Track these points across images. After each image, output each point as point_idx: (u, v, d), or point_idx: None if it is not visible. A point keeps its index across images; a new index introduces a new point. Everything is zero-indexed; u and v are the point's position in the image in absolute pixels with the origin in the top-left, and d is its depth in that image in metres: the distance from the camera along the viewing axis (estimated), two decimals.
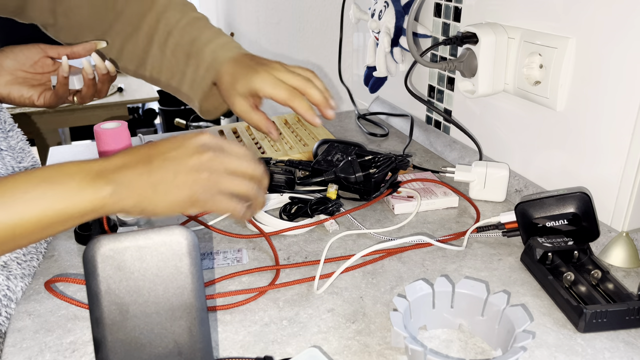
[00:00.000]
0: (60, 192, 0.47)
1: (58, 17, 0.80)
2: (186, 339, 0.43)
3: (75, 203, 0.47)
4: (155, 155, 0.50)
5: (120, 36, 0.80)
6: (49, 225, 0.47)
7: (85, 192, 0.47)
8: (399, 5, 1.00)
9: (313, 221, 0.74)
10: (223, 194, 0.51)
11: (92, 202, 0.47)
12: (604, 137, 0.68)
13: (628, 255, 0.66)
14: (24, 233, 0.46)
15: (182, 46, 0.77)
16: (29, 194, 0.46)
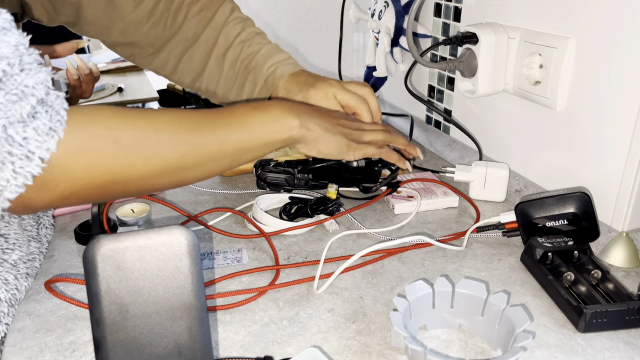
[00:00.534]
0: (269, 118, 0.60)
1: (112, 33, 0.80)
2: (186, 339, 0.43)
3: (278, 128, 0.61)
4: (320, 110, 0.66)
5: (177, 50, 0.81)
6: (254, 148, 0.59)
7: (284, 119, 0.61)
8: (399, 5, 1.00)
9: (313, 221, 0.74)
10: (367, 142, 0.71)
11: (287, 127, 0.61)
12: (604, 137, 0.68)
13: (628, 255, 0.66)
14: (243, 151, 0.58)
15: (241, 60, 0.78)
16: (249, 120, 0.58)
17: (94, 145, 0.46)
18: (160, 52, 0.81)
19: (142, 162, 0.49)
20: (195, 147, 0.53)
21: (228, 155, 0.56)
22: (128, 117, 0.49)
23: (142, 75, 2.55)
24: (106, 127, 0.47)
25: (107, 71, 2.63)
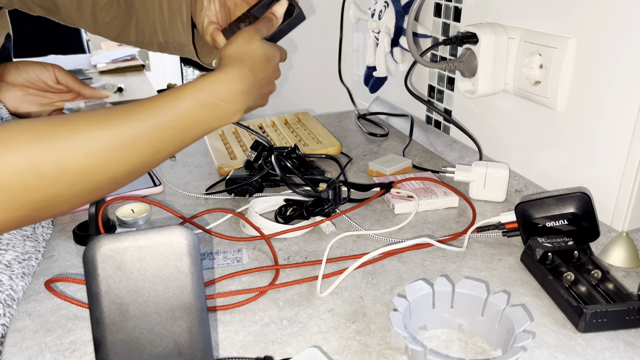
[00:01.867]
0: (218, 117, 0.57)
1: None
2: (186, 339, 0.43)
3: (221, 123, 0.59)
4: (259, 85, 0.61)
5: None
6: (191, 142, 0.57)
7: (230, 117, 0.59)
8: (399, 5, 1.00)
9: (309, 223, 0.74)
10: None
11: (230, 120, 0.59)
12: (604, 137, 0.68)
13: (628, 255, 0.66)
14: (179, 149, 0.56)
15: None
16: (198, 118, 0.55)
17: (12, 180, 0.43)
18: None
19: (67, 188, 0.47)
20: (128, 161, 0.51)
21: (163, 158, 0.55)
22: (52, 141, 0.46)
23: (142, 75, 2.54)
24: (26, 158, 0.44)
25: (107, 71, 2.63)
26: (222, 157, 0.96)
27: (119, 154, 0.50)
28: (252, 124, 1.09)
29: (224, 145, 1.01)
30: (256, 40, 0.61)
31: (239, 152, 0.97)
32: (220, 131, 1.07)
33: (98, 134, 0.48)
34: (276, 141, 1.01)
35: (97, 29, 0.83)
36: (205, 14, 0.70)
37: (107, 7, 0.80)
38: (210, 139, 1.03)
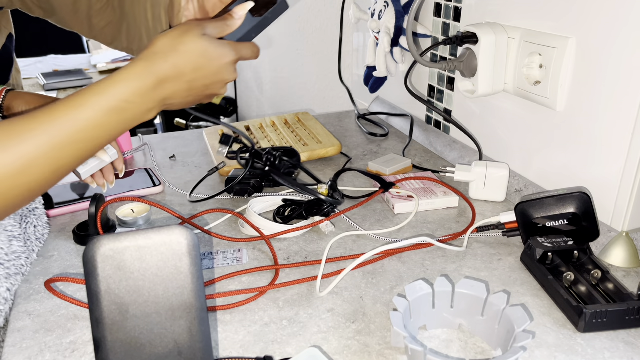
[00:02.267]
0: (127, 119, 0.54)
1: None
2: (186, 339, 0.43)
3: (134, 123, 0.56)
4: (187, 83, 0.58)
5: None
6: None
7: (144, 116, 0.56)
8: (399, 5, 1.00)
9: (308, 223, 0.74)
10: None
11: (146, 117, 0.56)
12: (604, 137, 0.68)
13: (628, 255, 0.66)
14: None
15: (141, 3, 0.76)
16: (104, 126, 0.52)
17: None
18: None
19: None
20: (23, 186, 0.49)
21: (67, 173, 0.53)
22: None
23: None
24: None
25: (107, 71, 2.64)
26: (222, 157, 0.96)
27: (13, 180, 0.47)
28: (252, 124, 1.09)
29: None
30: (192, 35, 0.57)
31: None
32: (220, 131, 1.07)
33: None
34: (276, 141, 1.01)
35: (93, 33, 0.83)
36: (183, 15, 0.68)
37: (102, 11, 0.80)
38: (210, 139, 1.03)
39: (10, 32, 0.91)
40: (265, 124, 1.09)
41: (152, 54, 0.55)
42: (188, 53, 0.56)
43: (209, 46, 0.57)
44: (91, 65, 2.78)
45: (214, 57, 0.58)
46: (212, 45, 0.58)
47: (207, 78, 0.59)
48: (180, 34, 0.56)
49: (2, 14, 0.87)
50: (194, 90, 0.59)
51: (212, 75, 0.59)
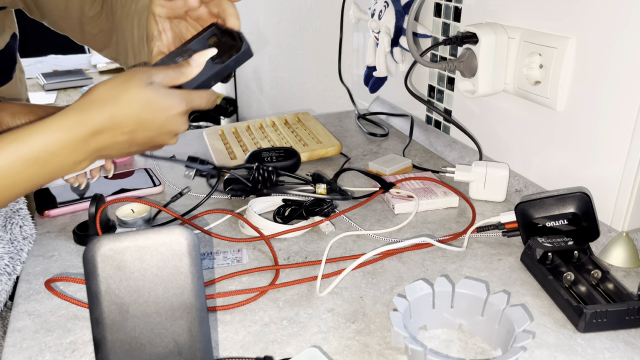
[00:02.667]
0: (51, 171, 0.52)
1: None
2: (186, 339, 0.43)
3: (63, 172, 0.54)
4: (127, 135, 0.54)
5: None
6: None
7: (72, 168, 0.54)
8: (399, 5, 1.00)
9: (308, 223, 0.74)
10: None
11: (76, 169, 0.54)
12: (604, 137, 0.68)
13: (628, 255, 0.66)
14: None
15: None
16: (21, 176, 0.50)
17: None
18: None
19: None
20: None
21: (3, 204, 0.52)
22: None
23: None
24: None
25: (107, 71, 2.64)
26: (222, 157, 0.96)
27: None
28: (252, 124, 1.09)
29: (224, 145, 1.01)
30: (135, 84, 0.53)
31: (239, 152, 0.97)
32: (220, 131, 1.07)
33: None
34: (276, 141, 1.01)
35: (85, 39, 0.82)
36: (155, 44, 0.67)
37: (94, 19, 0.79)
38: (210, 139, 1.03)
39: (14, 31, 0.91)
40: (265, 124, 1.09)
41: (89, 103, 0.52)
42: (129, 104, 0.52)
43: (154, 97, 0.53)
44: (91, 65, 2.78)
45: (160, 109, 0.54)
46: (158, 95, 0.54)
47: (150, 130, 0.55)
48: (123, 82, 0.53)
49: (5, 13, 0.87)
50: (135, 141, 0.55)
51: (157, 127, 0.55)
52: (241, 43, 0.61)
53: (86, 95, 0.52)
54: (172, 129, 0.56)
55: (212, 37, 0.64)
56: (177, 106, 0.55)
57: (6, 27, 0.88)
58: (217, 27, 0.64)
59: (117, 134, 0.53)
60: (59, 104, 2.27)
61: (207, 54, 0.59)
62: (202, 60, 0.58)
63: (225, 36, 0.63)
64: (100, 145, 0.53)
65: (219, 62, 0.60)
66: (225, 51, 0.61)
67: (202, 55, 0.58)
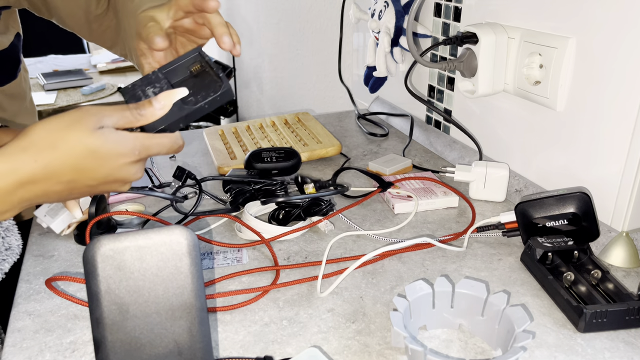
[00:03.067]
0: None
1: None
2: (186, 339, 0.43)
3: None
4: (65, 183, 0.49)
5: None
6: None
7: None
8: (399, 5, 1.00)
9: (307, 224, 0.74)
10: None
11: None
12: (604, 137, 0.68)
13: (628, 255, 0.66)
14: None
15: None
16: None
17: None
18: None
19: None
20: None
21: None
22: None
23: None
24: None
25: (107, 71, 2.64)
26: (222, 157, 0.96)
27: None
28: (252, 124, 1.09)
29: (224, 145, 1.01)
30: (80, 130, 0.47)
31: (239, 152, 0.97)
32: (220, 131, 1.07)
33: None
34: (276, 141, 1.01)
35: (92, 36, 0.82)
36: (146, 61, 0.64)
37: (101, 17, 0.79)
38: (210, 139, 1.03)
39: (18, 31, 0.91)
40: (265, 124, 1.09)
41: (21, 150, 0.46)
42: (68, 152, 0.47)
43: (101, 145, 0.48)
44: (91, 65, 2.78)
45: (106, 158, 0.49)
46: (106, 143, 0.48)
47: (94, 180, 0.50)
48: (66, 125, 0.47)
49: (9, 13, 0.87)
50: (75, 190, 0.50)
51: (102, 177, 0.50)
52: (221, 83, 0.55)
53: (21, 138, 0.47)
54: (121, 177, 0.51)
55: (196, 64, 0.58)
56: (128, 155, 0.50)
57: (10, 27, 0.88)
58: (201, 55, 0.59)
59: (53, 184, 0.48)
60: (58, 104, 2.27)
61: (176, 95, 0.52)
62: (168, 102, 0.52)
63: (207, 68, 0.58)
64: (30, 195, 0.48)
65: (191, 102, 0.53)
66: (201, 89, 0.54)
67: (170, 96, 0.52)
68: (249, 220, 0.73)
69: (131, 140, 0.50)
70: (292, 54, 1.85)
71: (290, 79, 1.93)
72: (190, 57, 0.59)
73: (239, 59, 2.56)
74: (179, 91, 0.53)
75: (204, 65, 0.58)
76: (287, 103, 2.01)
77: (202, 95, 0.54)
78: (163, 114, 0.52)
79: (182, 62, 0.58)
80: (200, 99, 0.53)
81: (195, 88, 0.54)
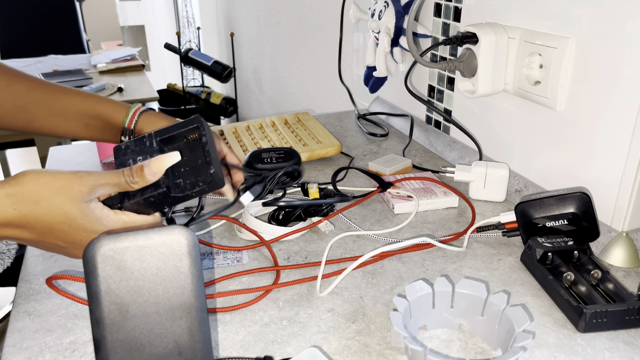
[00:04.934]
0: None
1: None
2: (186, 339, 0.43)
3: None
4: (45, 244, 0.52)
5: None
6: None
7: None
8: (399, 5, 1.00)
9: (307, 225, 0.73)
10: None
11: None
12: (604, 137, 0.68)
13: (628, 255, 0.66)
14: None
15: None
16: None
17: None
18: None
19: None
20: None
21: None
22: None
23: (142, 76, 2.54)
24: None
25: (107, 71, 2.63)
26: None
27: None
28: (252, 124, 1.09)
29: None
30: (70, 197, 0.48)
31: (239, 152, 0.97)
32: (220, 131, 1.07)
33: None
34: (276, 141, 1.01)
35: None
36: None
37: None
38: None
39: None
40: (265, 124, 1.09)
41: (5, 194, 0.48)
42: (46, 212, 0.49)
43: (81, 218, 0.49)
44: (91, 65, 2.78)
45: (83, 229, 0.50)
46: (87, 217, 0.49)
47: (62, 241, 0.51)
48: (56, 188, 0.49)
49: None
50: (43, 244, 0.52)
51: (70, 242, 0.51)
52: (209, 170, 0.52)
53: (11, 183, 0.48)
54: None
55: (194, 133, 0.55)
56: (103, 230, 0.51)
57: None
58: (201, 126, 0.55)
59: (24, 232, 0.50)
60: None
61: (168, 161, 0.51)
62: (160, 168, 0.51)
63: (201, 142, 0.54)
64: (4, 234, 0.50)
65: (179, 187, 0.52)
66: (191, 174, 0.52)
67: (162, 162, 0.51)
68: (248, 221, 0.73)
69: (112, 223, 0.51)
70: (292, 54, 1.85)
71: (290, 79, 1.93)
72: (189, 127, 0.55)
73: (238, 59, 2.56)
74: (171, 156, 0.51)
75: (201, 137, 0.54)
76: (287, 103, 2.01)
77: (191, 183, 0.52)
78: (155, 179, 0.51)
79: (180, 131, 0.55)
80: (189, 187, 0.52)
81: (185, 170, 0.53)
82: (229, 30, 2.66)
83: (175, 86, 3.02)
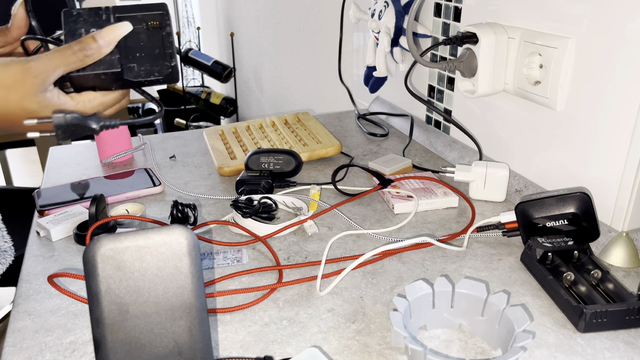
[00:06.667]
0: None
1: None
2: (186, 339, 0.43)
3: None
4: None
5: None
6: None
7: None
8: (399, 5, 1.00)
9: (294, 222, 0.73)
10: None
11: None
12: (604, 137, 0.68)
13: (628, 255, 0.66)
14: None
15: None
16: None
17: None
18: None
19: None
20: None
21: None
22: None
23: None
24: None
25: None
26: (222, 157, 0.96)
27: None
28: (252, 124, 1.09)
29: (223, 145, 1.01)
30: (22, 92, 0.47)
31: (239, 152, 0.97)
32: (220, 131, 1.07)
33: None
34: (276, 141, 1.01)
35: None
36: None
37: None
38: (210, 139, 1.03)
39: None
40: (265, 124, 1.09)
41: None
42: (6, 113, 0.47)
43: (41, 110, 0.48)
44: None
45: None
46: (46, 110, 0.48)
47: None
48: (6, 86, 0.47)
49: None
50: None
51: None
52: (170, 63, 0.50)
53: None
54: None
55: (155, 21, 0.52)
56: None
57: None
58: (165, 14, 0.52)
59: None
60: None
61: (120, 30, 0.48)
62: (112, 37, 0.48)
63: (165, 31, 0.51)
64: None
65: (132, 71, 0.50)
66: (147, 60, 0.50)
67: (113, 31, 0.48)
68: (240, 221, 0.73)
69: (72, 107, 0.49)
70: (292, 54, 1.85)
71: (290, 79, 1.93)
72: (152, 12, 0.52)
73: (238, 59, 2.56)
74: (123, 25, 0.49)
75: (164, 26, 0.52)
76: (287, 103, 2.01)
77: (146, 71, 0.50)
78: (108, 51, 0.48)
79: (142, 13, 0.52)
80: (143, 74, 0.50)
81: (141, 55, 0.50)
82: (229, 30, 2.66)
83: (175, 86, 3.02)
